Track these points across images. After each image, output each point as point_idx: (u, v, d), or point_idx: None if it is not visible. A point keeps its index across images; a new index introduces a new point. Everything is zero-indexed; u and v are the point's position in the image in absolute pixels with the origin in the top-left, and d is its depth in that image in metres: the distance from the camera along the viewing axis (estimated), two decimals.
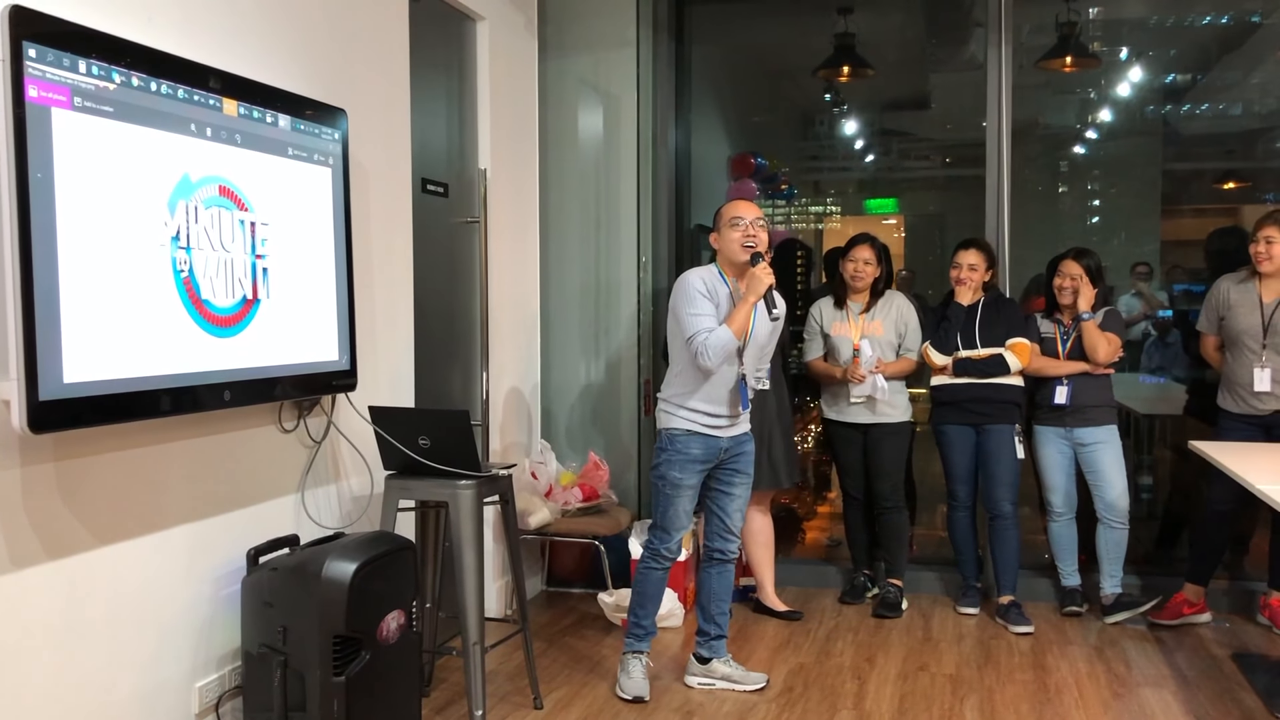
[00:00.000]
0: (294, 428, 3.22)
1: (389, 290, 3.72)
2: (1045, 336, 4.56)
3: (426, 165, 4.10)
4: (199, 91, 2.66)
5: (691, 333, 3.42)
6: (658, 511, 3.61)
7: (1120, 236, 9.66)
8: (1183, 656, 4.10)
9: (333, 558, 2.76)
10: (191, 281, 2.64)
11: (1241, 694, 3.72)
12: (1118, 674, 3.92)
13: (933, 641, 4.29)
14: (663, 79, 5.26)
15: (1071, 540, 4.62)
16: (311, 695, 2.71)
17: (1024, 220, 9.93)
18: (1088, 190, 10.28)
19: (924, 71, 8.54)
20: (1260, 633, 4.38)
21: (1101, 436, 4.47)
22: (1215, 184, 9.58)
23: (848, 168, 11.08)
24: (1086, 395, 4.46)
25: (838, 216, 10.91)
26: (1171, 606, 4.48)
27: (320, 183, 3.16)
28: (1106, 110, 8.97)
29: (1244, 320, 4.27)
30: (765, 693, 3.74)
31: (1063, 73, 6.89)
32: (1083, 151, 9.80)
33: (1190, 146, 9.54)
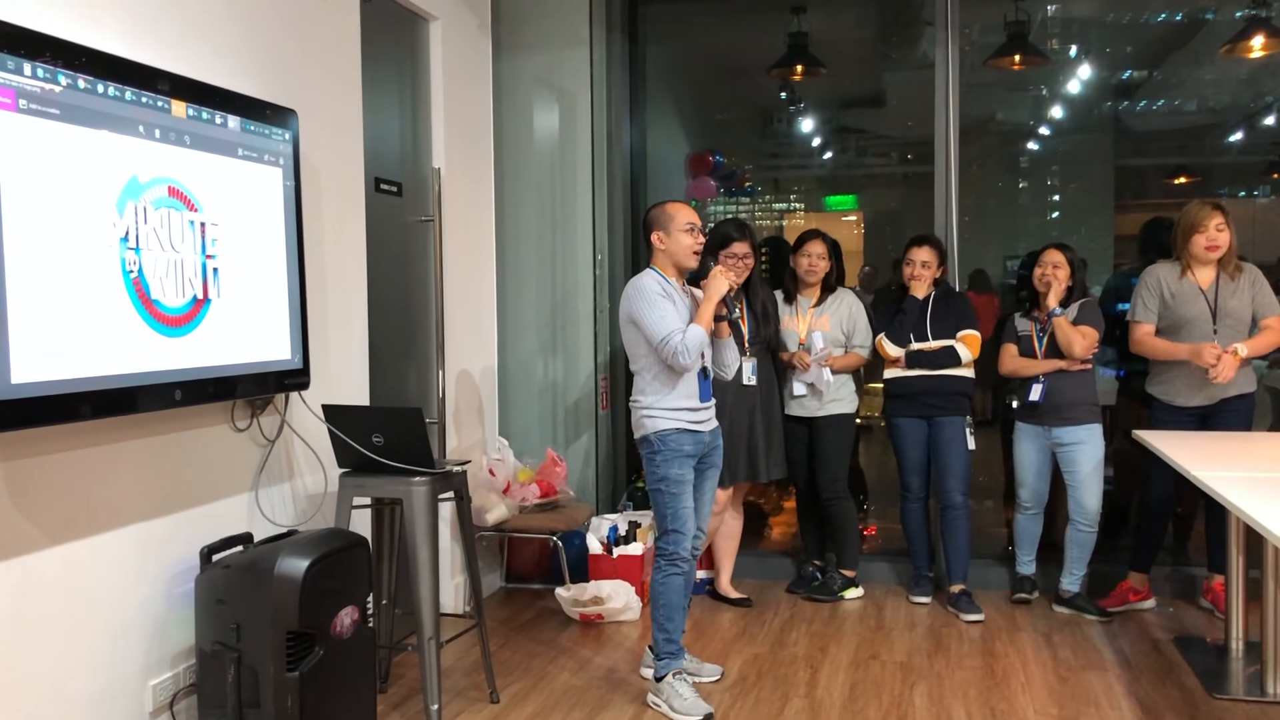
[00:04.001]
0: (247, 427, 3.23)
1: (342, 289, 3.74)
2: (1022, 335, 4.59)
3: (380, 165, 4.12)
4: (147, 93, 2.67)
5: (664, 334, 3.42)
6: (666, 515, 3.53)
7: (1075, 232, 9.81)
8: (1127, 641, 4.20)
9: (285, 555, 2.79)
10: (141, 282, 2.65)
11: (1182, 676, 3.82)
12: (1063, 659, 4.01)
13: (885, 630, 4.37)
14: (616, 78, 5.31)
15: (1034, 534, 4.68)
16: (265, 691, 2.74)
17: (980, 216, 10.08)
18: (1043, 186, 10.42)
19: (878, 70, 8.64)
20: (1202, 616, 4.50)
21: (1081, 436, 4.46)
22: (1167, 179, 9.75)
23: (806, 165, 11.17)
24: (1064, 393, 4.46)
25: (801, 213, 11.00)
26: (1118, 593, 4.58)
27: (271, 183, 3.18)
28: (1060, 107, 9.11)
29: (1190, 308, 4.33)
30: (720, 683, 3.80)
31: (1015, 70, 7.00)
32: (1037, 148, 9.94)
33: (1142, 142, 9.70)
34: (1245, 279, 4.34)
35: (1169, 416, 4.41)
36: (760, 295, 4.60)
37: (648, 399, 3.53)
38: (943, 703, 3.59)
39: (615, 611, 4.49)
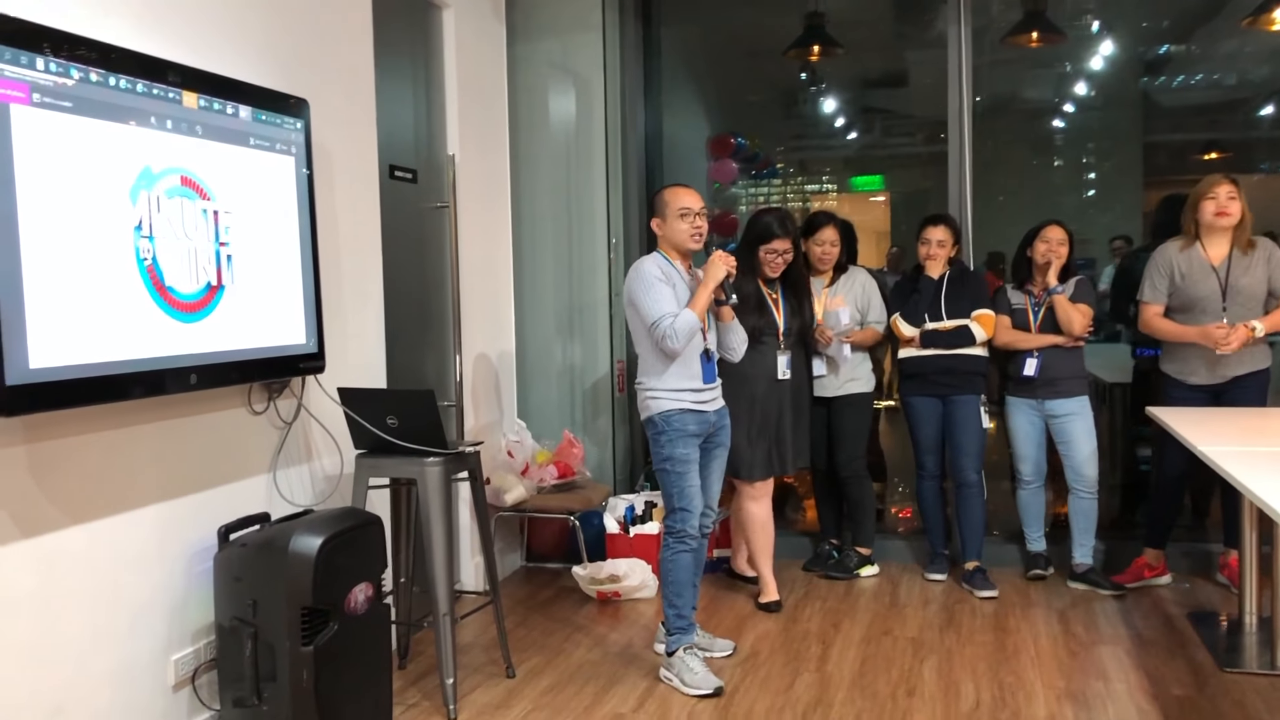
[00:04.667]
0: (264, 409, 3.32)
1: (357, 274, 3.81)
2: (1016, 308, 4.63)
3: (394, 152, 4.18)
4: (158, 85, 2.74)
5: (656, 318, 3.50)
6: (673, 494, 3.61)
7: (1103, 210, 9.75)
8: (1140, 617, 4.22)
9: (299, 533, 2.87)
10: (155, 269, 2.73)
11: (1194, 650, 3.84)
12: (1075, 634, 4.04)
13: (899, 607, 4.41)
14: (630, 62, 5.34)
15: (1039, 507, 4.73)
16: (281, 665, 2.82)
17: (1005, 195, 10.03)
18: (1071, 164, 10.36)
19: (900, 49, 8.62)
20: (1218, 592, 4.50)
21: (1072, 408, 4.55)
22: (1197, 155, 9.67)
23: (831, 146, 11.16)
24: (1057, 367, 4.53)
25: (833, 194, 11.00)
26: (1133, 569, 4.60)
27: (284, 171, 3.25)
28: (1086, 84, 9.05)
29: (1200, 287, 4.32)
30: (732, 658, 3.86)
31: (1035, 48, 6.97)
32: (1063, 125, 9.88)
33: (1172, 118, 9.62)
34: (1259, 255, 4.32)
35: (1182, 394, 4.41)
36: (799, 289, 4.51)
37: (651, 381, 3.59)
38: (951, 676, 3.63)
39: (631, 589, 4.56)
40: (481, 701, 3.52)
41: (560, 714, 3.40)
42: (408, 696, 3.55)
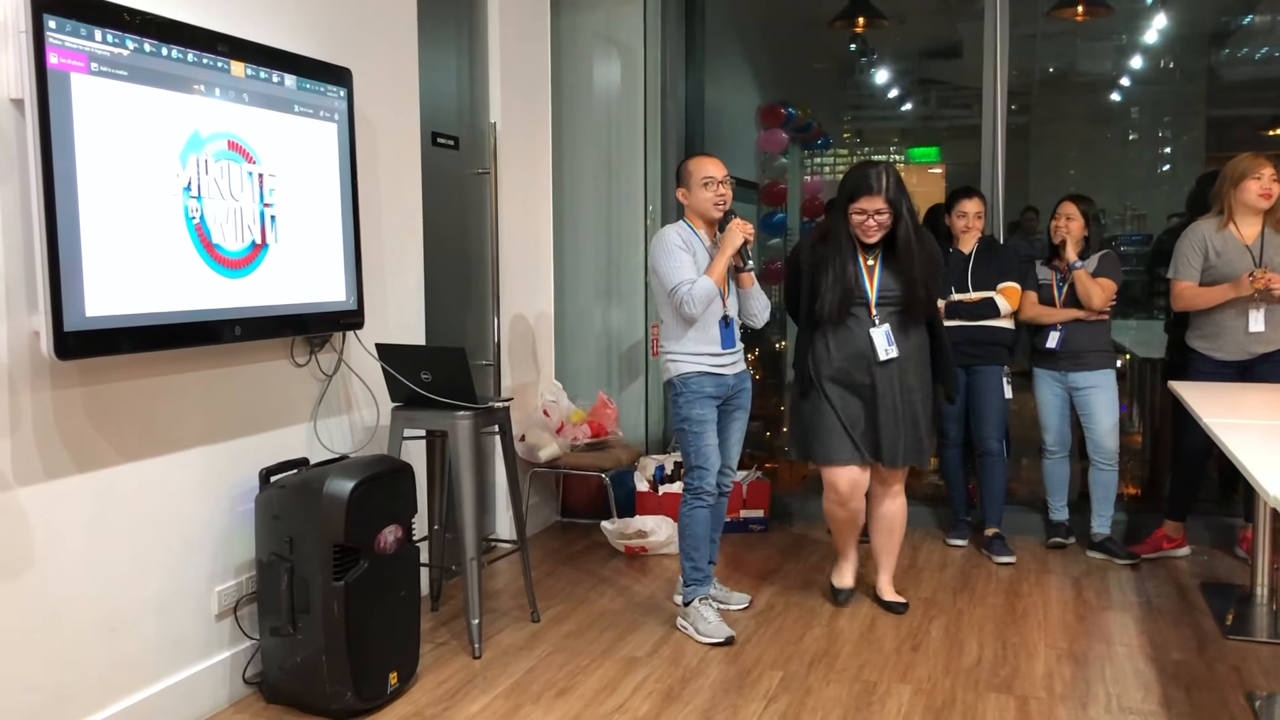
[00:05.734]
0: (306, 362, 3.52)
1: (398, 236, 4.00)
2: (1042, 283, 4.70)
3: (437, 119, 4.36)
4: (207, 55, 2.93)
5: (674, 284, 3.66)
6: (690, 452, 3.76)
7: (1166, 185, 9.66)
8: (1154, 586, 4.31)
9: (334, 476, 3.07)
10: (203, 227, 2.94)
11: (1201, 618, 3.93)
12: (1086, 600, 4.14)
13: (916, 569, 4.54)
14: (672, 32, 5.46)
15: (1063, 477, 4.82)
16: (315, 598, 3.04)
17: (1060, 169, 9.94)
18: (1134, 139, 10.25)
19: (950, 20, 8.61)
20: (1236, 565, 4.56)
21: (1095, 381, 4.61)
22: (1262, 130, 9.54)
23: (887, 117, 11.15)
24: (1080, 341, 4.59)
25: (901, 165, 11.02)
26: (1151, 540, 4.67)
27: (326, 137, 3.43)
28: (1148, 58, 8.96)
29: (1236, 264, 4.36)
30: (747, 611, 4.02)
31: (1091, 20, 6.94)
32: (1121, 99, 9.79)
33: (1236, 92, 9.49)
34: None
35: (1210, 369, 4.45)
36: (909, 254, 3.76)
37: (672, 345, 3.75)
38: (957, 635, 3.76)
39: (658, 545, 4.73)
40: (506, 643, 3.72)
41: (578, 656, 3.59)
42: (437, 636, 3.76)
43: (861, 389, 3.83)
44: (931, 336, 3.90)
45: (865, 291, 3.80)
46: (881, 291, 3.81)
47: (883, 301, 3.81)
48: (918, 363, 3.86)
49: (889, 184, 3.71)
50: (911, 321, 3.83)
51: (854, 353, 3.80)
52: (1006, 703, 3.20)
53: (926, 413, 3.89)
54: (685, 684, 3.37)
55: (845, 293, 3.78)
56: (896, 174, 3.75)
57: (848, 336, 3.81)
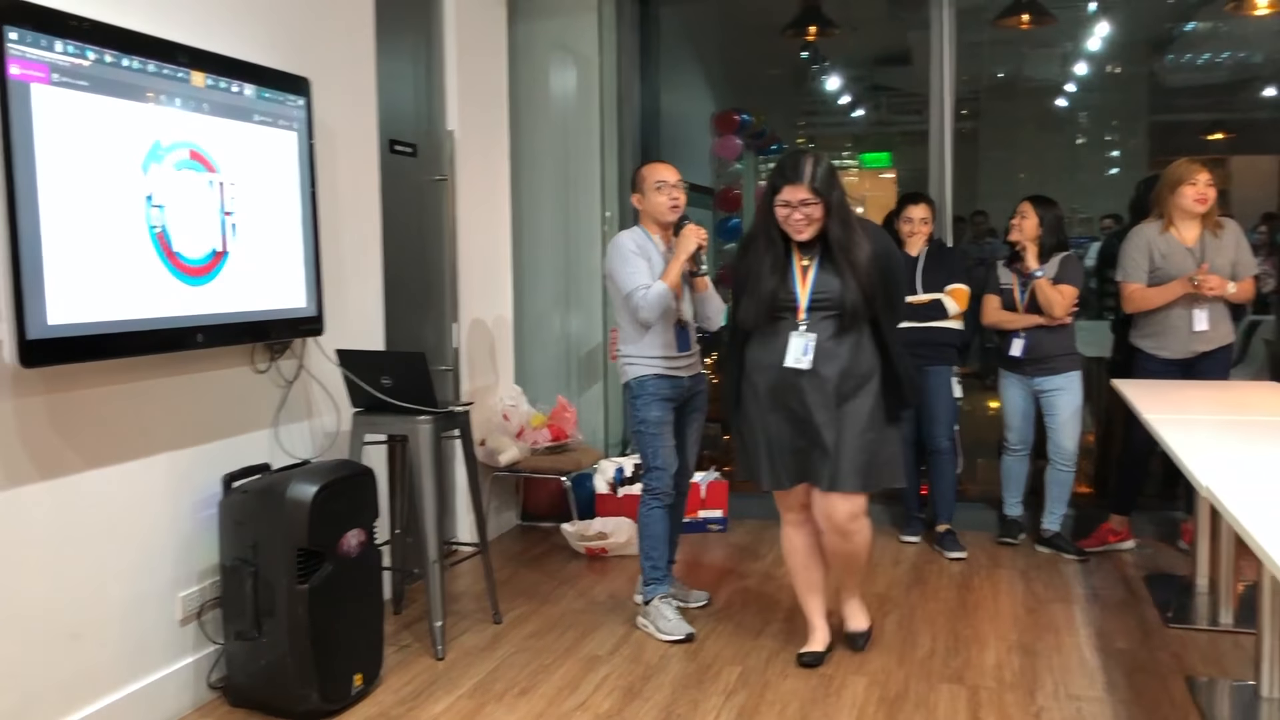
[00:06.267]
0: (267, 369, 3.55)
1: (357, 243, 4.04)
2: (1004, 287, 4.80)
3: (395, 127, 4.40)
4: (168, 65, 2.96)
5: (630, 289, 3.73)
6: (648, 454, 3.83)
7: (1110, 188, 9.86)
8: (1100, 578, 4.43)
9: (296, 481, 3.11)
10: (165, 236, 2.96)
11: (1144, 608, 4.06)
12: (1035, 593, 4.26)
13: (871, 566, 4.59)
14: (627, 41, 5.54)
15: (1020, 474, 4.93)
16: (279, 602, 3.07)
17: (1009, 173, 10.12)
18: (1078, 143, 10.46)
19: (902, 27, 8.75)
20: (1179, 557, 4.70)
21: (1060, 384, 4.68)
22: (1203, 135, 9.77)
23: (840, 123, 11.30)
24: (1045, 346, 4.66)
25: (855, 170, 11.18)
26: (1098, 534, 4.81)
27: (286, 145, 3.47)
28: (1090, 64, 9.16)
29: (1179, 266, 4.49)
30: (706, 608, 4.09)
31: (1037, 29, 7.09)
32: (1067, 104, 9.99)
33: (1177, 98, 9.72)
34: (1229, 236, 4.51)
35: (1155, 367, 4.59)
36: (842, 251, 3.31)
37: (629, 348, 3.83)
38: (911, 628, 3.86)
39: (618, 545, 4.80)
40: (469, 644, 3.76)
41: (540, 656, 3.65)
42: (400, 638, 3.80)
43: (792, 405, 3.36)
44: (879, 345, 3.37)
45: (794, 294, 3.34)
46: (815, 294, 3.33)
47: (816, 306, 3.33)
48: (864, 375, 3.35)
49: (815, 172, 3.24)
50: (853, 329, 3.33)
51: (780, 363, 3.36)
52: (958, 692, 3.30)
53: (875, 430, 3.35)
54: (646, 681, 3.43)
55: (769, 296, 3.34)
56: (827, 164, 3.28)
57: (775, 345, 3.36)
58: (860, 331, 3.35)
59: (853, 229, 3.32)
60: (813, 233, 3.31)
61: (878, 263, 3.32)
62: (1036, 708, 3.19)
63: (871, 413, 3.35)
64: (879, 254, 3.35)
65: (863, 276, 3.29)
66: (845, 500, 3.37)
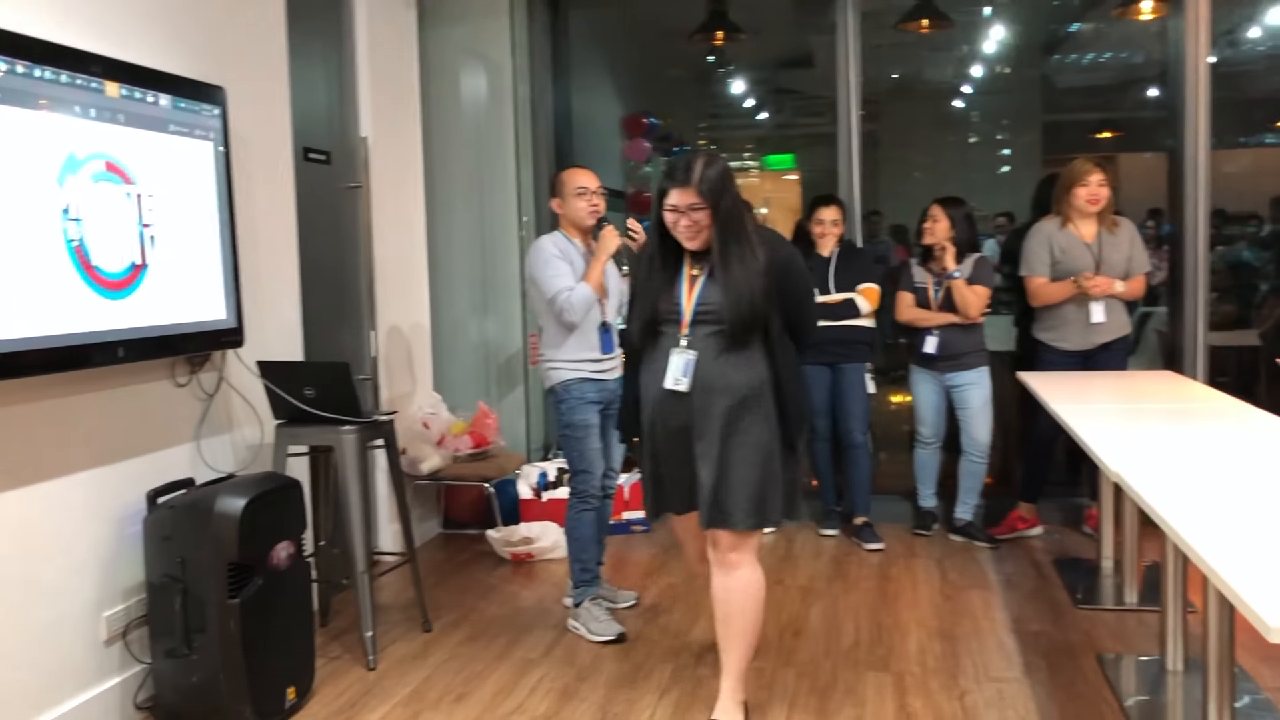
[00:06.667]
0: (187, 382, 3.50)
1: (274, 253, 3.99)
2: (919, 286, 4.95)
3: (309, 135, 4.36)
4: (81, 75, 2.91)
5: (554, 292, 3.76)
6: (574, 458, 3.86)
7: (1007, 187, 10.17)
8: (1011, 564, 4.60)
9: (225, 494, 3.08)
10: (83, 249, 2.91)
11: (1055, 591, 4.23)
12: (951, 580, 4.40)
13: (793, 559, 4.74)
14: (539, 46, 5.57)
15: (933, 466, 5.09)
16: (210, 617, 3.03)
17: (904, 173, 10.38)
18: (975, 143, 10.77)
19: (805, 32, 8.92)
20: (1084, 541, 4.90)
21: (971, 379, 4.86)
22: (1092, 134, 10.14)
23: (745, 125, 11.45)
24: (957, 344, 4.83)
25: (755, 172, 11.33)
26: (1007, 522, 4.98)
27: (202, 155, 3.42)
28: (985, 66, 9.45)
29: (1078, 261, 4.69)
30: (635, 608, 4.14)
31: (931, 32, 7.29)
32: (965, 106, 10.28)
33: (1067, 98, 10.07)
34: (1124, 233, 4.72)
35: (1056, 359, 4.78)
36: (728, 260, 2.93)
37: (552, 353, 3.86)
38: (835, 618, 3.96)
39: (544, 550, 4.82)
40: (399, 653, 3.75)
41: (473, 662, 3.66)
42: (330, 651, 3.77)
43: (676, 429, 3.01)
44: (772, 368, 2.98)
45: (678, 306, 3.00)
46: (699, 307, 2.97)
47: (700, 319, 2.97)
48: (755, 398, 2.96)
49: (704, 174, 2.90)
50: (741, 346, 2.96)
51: (662, 384, 3.01)
52: (884, 679, 3.40)
53: (768, 461, 2.96)
54: (581, 682, 3.47)
55: (649, 308, 3.04)
56: (721, 165, 2.94)
57: (657, 364, 3.03)
58: (751, 349, 2.97)
59: (744, 236, 2.95)
60: (704, 240, 2.95)
61: (774, 274, 2.95)
62: (960, 691, 3.31)
63: (764, 442, 2.95)
64: (777, 264, 2.96)
65: (752, 287, 2.91)
66: (729, 536, 2.99)
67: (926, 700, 3.24)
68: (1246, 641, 3.40)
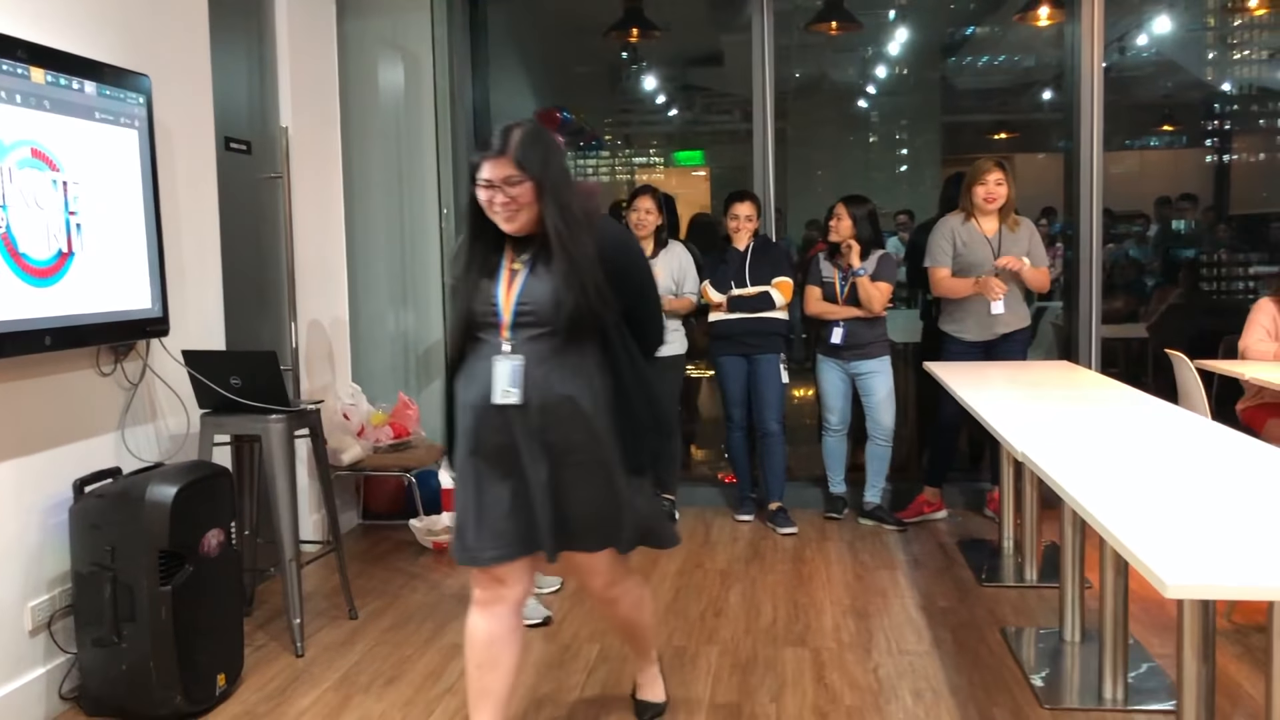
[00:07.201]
0: (112, 371, 3.48)
1: (197, 243, 3.98)
2: (826, 280, 5.14)
3: (230, 124, 4.34)
4: (6, 61, 2.88)
5: None
6: None
7: (908, 185, 10.48)
8: (919, 546, 4.81)
9: (155, 482, 3.08)
10: (9, 237, 2.89)
11: (960, 570, 4.43)
12: (862, 562, 4.58)
13: (711, 544, 4.87)
14: (458, 38, 5.60)
15: (841, 453, 5.28)
16: (140, 605, 3.03)
17: (822, 169, 10.64)
18: (879, 142, 11.07)
19: (716, 31, 9.07)
20: (986, 524, 5.14)
21: (874, 367, 5.09)
22: (988, 135, 10.50)
23: (655, 121, 11.59)
24: (860, 335, 5.05)
25: (661, 168, 11.45)
26: (914, 506, 5.20)
27: (127, 143, 3.41)
28: (888, 67, 9.73)
29: (977, 254, 4.92)
30: (559, 593, 4.23)
31: (839, 35, 7.50)
32: (869, 106, 10.57)
33: (964, 100, 10.42)
34: (1023, 231, 4.95)
35: (959, 349, 5.00)
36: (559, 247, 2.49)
37: None
38: (753, 599, 4.10)
39: None
40: (327, 640, 3.78)
41: (401, 647, 3.71)
42: (256, 639, 3.78)
43: (501, 447, 2.53)
44: (614, 374, 2.56)
45: (495, 306, 2.54)
46: (520, 305, 2.52)
47: (521, 321, 2.52)
48: (591, 411, 2.53)
49: (521, 141, 2.46)
50: (573, 350, 2.53)
51: (484, 396, 2.53)
52: (802, 654, 3.55)
53: (615, 483, 2.56)
54: None
55: (464, 308, 2.58)
56: (543, 135, 2.52)
57: (477, 374, 2.56)
58: (585, 354, 2.53)
59: (572, 219, 2.50)
60: (523, 223, 2.49)
61: (608, 263, 2.51)
62: (873, 664, 3.47)
63: (604, 460, 2.54)
64: (610, 254, 2.53)
65: (582, 279, 2.47)
66: (591, 561, 2.67)
67: (842, 673, 3.40)
68: (1138, 613, 3.64)
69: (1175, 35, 8.20)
